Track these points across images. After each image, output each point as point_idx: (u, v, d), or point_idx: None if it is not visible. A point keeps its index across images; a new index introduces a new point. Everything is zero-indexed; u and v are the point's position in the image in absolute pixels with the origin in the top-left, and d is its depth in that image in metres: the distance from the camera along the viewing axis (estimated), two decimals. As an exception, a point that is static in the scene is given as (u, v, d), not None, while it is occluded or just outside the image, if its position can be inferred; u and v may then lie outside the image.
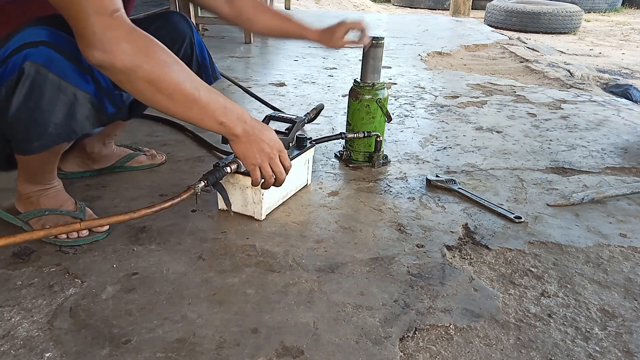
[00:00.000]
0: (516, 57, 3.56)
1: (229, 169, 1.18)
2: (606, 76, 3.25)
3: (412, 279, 1.06)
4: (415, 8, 7.65)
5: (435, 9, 7.48)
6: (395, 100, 2.36)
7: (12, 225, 1.17)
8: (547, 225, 1.29)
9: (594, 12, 7.26)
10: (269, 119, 1.39)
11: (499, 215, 1.33)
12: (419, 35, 4.29)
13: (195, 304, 0.96)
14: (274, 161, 1.11)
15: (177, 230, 1.21)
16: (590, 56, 4.36)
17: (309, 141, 1.41)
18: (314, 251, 1.14)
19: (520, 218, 1.30)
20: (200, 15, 3.55)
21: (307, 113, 1.50)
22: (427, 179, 1.50)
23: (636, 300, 1.02)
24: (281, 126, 1.39)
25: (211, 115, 1.00)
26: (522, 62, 3.40)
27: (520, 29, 5.61)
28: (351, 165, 1.61)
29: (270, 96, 2.34)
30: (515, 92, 2.58)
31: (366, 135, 1.55)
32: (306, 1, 7.68)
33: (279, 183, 1.16)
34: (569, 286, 1.06)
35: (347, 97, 1.59)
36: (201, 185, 1.12)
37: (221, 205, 1.30)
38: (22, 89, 0.91)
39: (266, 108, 2.07)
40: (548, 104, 2.38)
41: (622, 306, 1.00)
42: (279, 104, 2.21)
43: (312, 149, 1.43)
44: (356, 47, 1.45)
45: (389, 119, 1.59)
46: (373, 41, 1.48)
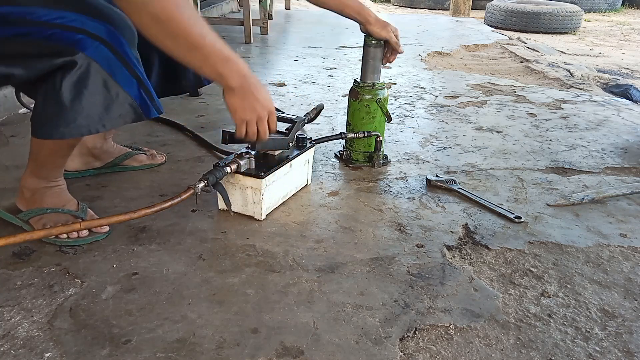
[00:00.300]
0: (516, 57, 3.56)
1: (229, 169, 1.18)
2: (606, 76, 3.25)
3: (412, 279, 1.06)
4: (415, 8, 7.65)
5: (435, 9, 7.47)
6: (395, 100, 2.36)
7: (12, 225, 1.17)
8: (547, 225, 1.29)
9: (594, 12, 7.26)
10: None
11: (499, 215, 1.33)
12: (419, 35, 4.29)
13: (195, 304, 0.96)
14: (262, 121, 1.11)
15: (177, 230, 1.21)
16: (590, 56, 4.36)
17: (309, 141, 1.41)
18: (314, 251, 1.14)
19: (520, 218, 1.30)
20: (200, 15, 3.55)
21: (307, 113, 1.50)
22: (427, 179, 1.50)
23: (636, 300, 1.02)
24: (281, 126, 1.39)
25: (211, 65, 0.99)
26: (522, 62, 3.40)
27: (520, 29, 5.60)
28: (351, 165, 1.61)
29: (271, 96, 2.34)
30: (515, 92, 2.58)
31: (366, 135, 1.55)
32: (306, 1, 7.68)
33: (259, 141, 1.13)
34: (569, 286, 1.06)
35: (347, 97, 1.59)
36: (201, 185, 1.12)
37: (221, 205, 1.30)
38: (71, 77, 0.92)
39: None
40: (548, 104, 2.38)
41: (622, 306, 1.00)
42: (279, 104, 2.21)
43: (312, 149, 1.43)
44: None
45: (389, 119, 1.59)
46: (372, 41, 1.48)
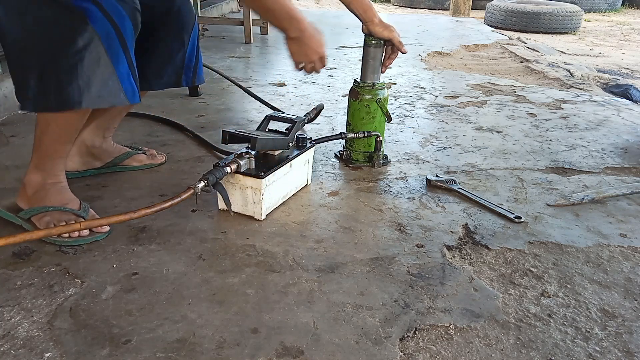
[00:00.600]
0: (516, 57, 3.56)
1: (229, 169, 1.18)
2: (606, 76, 3.25)
3: (412, 279, 1.06)
4: (415, 8, 7.65)
5: (435, 9, 7.48)
6: (395, 100, 2.36)
7: (12, 225, 1.17)
8: (547, 225, 1.29)
9: (594, 12, 7.25)
10: (269, 119, 1.39)
11: (499, 215, 1.33)
12: (419, 35, 4.29)
13: (195, 304, 0.96)
14: (315, 65, 1.37)
15: (177, 230, 1.21)
16: (590, 56, 4.36)
17: (309, 141, 1.41)
18: (314, 251, 1.14)
19: (520, 218, 1.30)
20: (200, 15, 3.55)
21: (307, 113, 1.50)
22: (427, 179, 1.50)
23: (636, 300, 1.02)
24: (281, 126, 1.39)
25: (279, 21, 1.26)
26: (522, 62, 3.40)
27: (520, 29, 5.60)
28: (351, 165, 1.61)
29: (270, 96, 2.34)
30: (515, 92, 2.58)
31: (366, 135, 1.55)
32: (306, 1, 7.68)
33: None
34: (569, 286, 1.06)
35: (347, 97, 1.59)
36: (201, 185, 1.12)
37: (221, 205, 1.30)
38: (80, 41, 0.96)
39: (266, 108, 2.07)
40: (548, 104, 2.38)
41: (622, 306, 1.00)
42: (279, 104, 2.21)
43: (312, 149, 1.43)
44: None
45: (389, 119, 1.59)
46: (372, 41, 1.48)
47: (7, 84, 1.94)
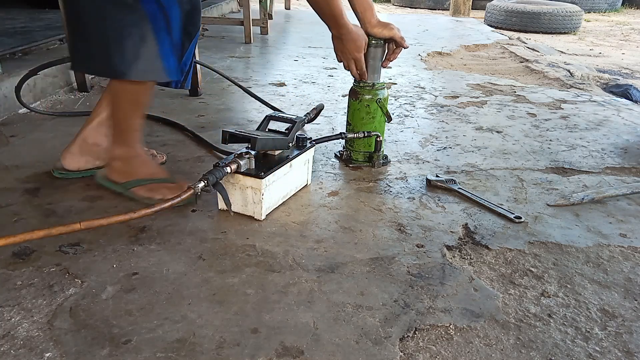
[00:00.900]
0: (516, 57, 3.56)
1: (229, 169, 1.18)
2: (606, 76, 3.25)
3: (412, 279, 1.06)
4: (415, 8, 7.65)
5: (435, 9, 7.47)
6: (395, 100, 2.36)
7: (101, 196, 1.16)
8: (547, 225, 1.29)
9: (594, 12, 7.25)
10: (269, 119, 1.39)
11: (499, 215, 1.33)
12: (419, 35, 4.29)
13: (195, 304, 0.96)
14: (350, 62, 1.49)
15: (177, 230, 1.21)
16: (590, 56, 4.36)
17: (309, 141, 1.41)
18: (314, 251, 1.14)
19: (520, 218, 1.30)
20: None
21: (307, 113, 1.50)
22: (427, 179, 1.50)
23: (636, 300, 1.02)
24: (281, 126, 1.39)
25: (328, 21, 1.39)
26: (522, 62, 3.40)
27: (520, 29, 5.60)
28: (351, 165, 1.61)
29: (270, 96, 2.34)
30: (515, 92, 2.58)
31: (366, 135, 1.55)
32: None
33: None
34: (569, 286, 1.06)
35: (347, 97, 1.59)
36: (201, 185, 1.12)
37: (221, 205, 1.30)
38: (130, 19, 1.09)
39: (266, 108, 2.07)
40: (548, 104, 2.38)
41: (622, 306, 1.00)
42: (279, 104, 2.21)
43: (312, 149, 1.43)
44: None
45: (389, 119, 1.59)
46: (372, 41, 1.48)
47: (7, 84, 1.94)
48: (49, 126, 1.86)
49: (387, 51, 1.52)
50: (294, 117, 1.39)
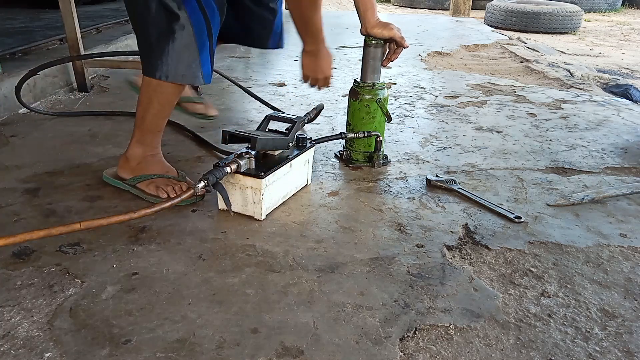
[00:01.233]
0: (516, 57, 3.56)
1: (229, 169, 1.18)
2: (606, 76, 3.25)
3: (412, 279, 1.06)
4: (415, 8, 7.65)
5: (435, 9, 7.47)
6: (395, 100, 2.36)
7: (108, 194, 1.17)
8: (547, 225, 1.29)
9: (594, 12, 7.25)
10: (269, 119, 1.39)
11: (499, 215, 1.33)
12: (419, 35, 4.29)
13: (195, 304, 0.96)
14: (319, 80, 1.57)
15: (177, 230, 1.21)
16: (590, 56, 4.36)
17: (309, 141, 1.41)
18: (314, 251, 1.14)
19: (520, 218, 1.30)
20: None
21: (307, 113, 1.50)
22: (427, 179, 1.50)
23: (636, 300, 1.02)
24: (281, 126, 1.39)
25: (303, 35, 1.49)
26: (522, 62, 3.40)
27: (520, 29, 5.60)
28: (351, 165, 1.61)
29: (270, 96, 2.34)
30: (515, 92, 2.58)
31: (366, 135, 1.55)
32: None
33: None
34: (569, 286, 1.06)
35: (347, 97, 1.59)
36: (201, 185, 1.12)
37: (221, 205, 1.30)
38: (175, 26, 1.15)
39: (266, 108, 2.07)
40: (548, 104, 2.38)
41: (622, 306, 1.00)
42: (279, 104, 2.21)
43: (312, 149, 1.43)
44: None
45: (389, 119, 1.59)
46: (372, 41, 1.48)
47: (7, 84, 1.94)
48: (49, 126, 1.86)
49: (388, 51, 1.52)
50: (294, 117, 1.39)
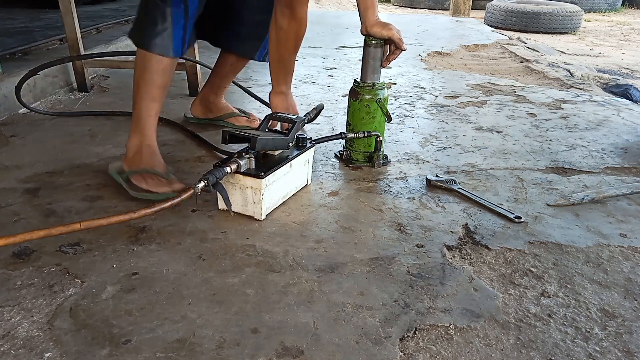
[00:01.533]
0: (516, 57, 3.56)
1: (229, 169, 1.18)
2: (606, 76, 3.25)
3: (412, 279, 1.06)
4: (415, 8, 7.65)
5: (435, 9, 7.48)
6: (395, 100, 2.36)
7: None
8: (547, 225, 1.29)
9: (594, 12, 7.25)
10: (269, 119, 1.39)
11: (499, 215, 1.33)
12: (419, 35, 4.29)
13: (195, 304, 0.96)
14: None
15: (177, 230, 1.21)
16: (590, 56, 4.36)
17: (309, 141, 1.41)
18: (314, 251, 1.14)
19: (520, 218, 1.30)
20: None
21: (307, 113, 1.50)
22: (427, 179, 1.50)
23: (636, 300, 1.02)
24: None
25: (282, 71, 1.61)
26: (522, 62, 3.40)
27: (520, 29, 5.60)
28: (351, 165, 1.61)
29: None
30: (515, 92, 2.58)
31: (366, 135, 1.55)
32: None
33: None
34: (569, 286, 1.06)
35: (347, 97, 1.59)
36: (201, 185, 1.12)
37: (221, 205, 1.30)
38: (160, 6, 1.33)
39: (266, 108, 2.07)
40: (548, 104, 2.38)
41: (622, 306, 1.00)
42: (279, 104, 2.21)
43: (312, 149, 1.43)
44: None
45: (389, 119, 1.59)
46: (372, 41, 1.48)
47: (7, 84, 1.94)
48: (49, 126, 1.86)
49: (387, 52, 1.52)
50: (294, 117, 1.39)
